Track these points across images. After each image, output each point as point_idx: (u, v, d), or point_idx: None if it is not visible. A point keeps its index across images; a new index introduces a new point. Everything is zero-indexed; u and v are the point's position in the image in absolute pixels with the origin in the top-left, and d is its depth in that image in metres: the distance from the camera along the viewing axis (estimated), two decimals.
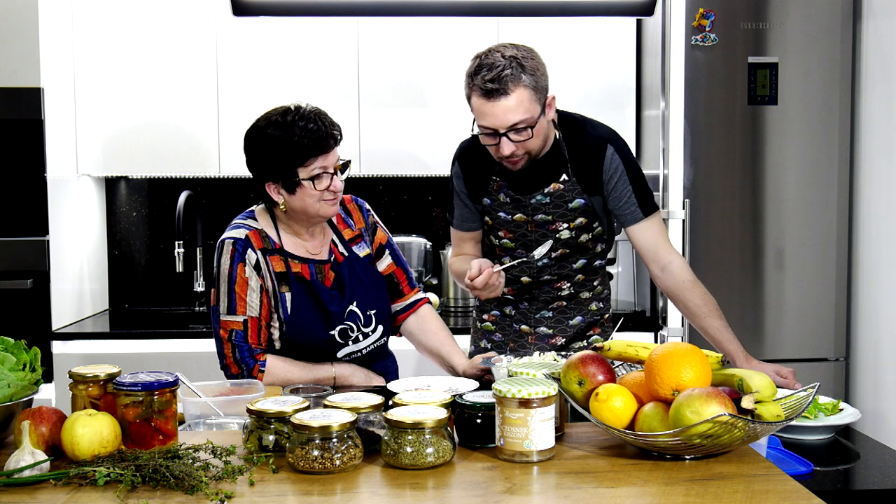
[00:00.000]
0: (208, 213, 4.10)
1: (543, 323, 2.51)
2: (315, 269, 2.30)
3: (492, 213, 2.45)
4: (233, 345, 2.23)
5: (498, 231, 2.46)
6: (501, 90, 2.17)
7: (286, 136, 2.19)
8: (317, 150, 2.19)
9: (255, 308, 2.23)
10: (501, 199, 2.41)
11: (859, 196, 3.45)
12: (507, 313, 2.55)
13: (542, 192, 2.37)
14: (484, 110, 2.21)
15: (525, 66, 2.19)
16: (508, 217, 2.42)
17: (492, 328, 2.58)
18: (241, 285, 2.23)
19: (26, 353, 1.72)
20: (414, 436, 1.51)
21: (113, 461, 1.50)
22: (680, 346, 1.61)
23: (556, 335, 2.51)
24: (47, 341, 3.43)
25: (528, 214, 2.40)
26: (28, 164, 3.42)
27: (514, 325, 2.54)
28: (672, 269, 2.36)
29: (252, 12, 3.34)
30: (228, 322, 2.23)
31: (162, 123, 3.72)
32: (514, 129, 2.21)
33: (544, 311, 2.51)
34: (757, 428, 1.52)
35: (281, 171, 2.20)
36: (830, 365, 3.46)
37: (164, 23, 3.69)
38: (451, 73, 3.77)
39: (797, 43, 3.38)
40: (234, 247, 2.24)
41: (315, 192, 2.20)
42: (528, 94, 2.19)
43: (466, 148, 2.49)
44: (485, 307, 2.60)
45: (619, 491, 1.42)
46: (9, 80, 3.38)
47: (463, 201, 2.50)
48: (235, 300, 2.22)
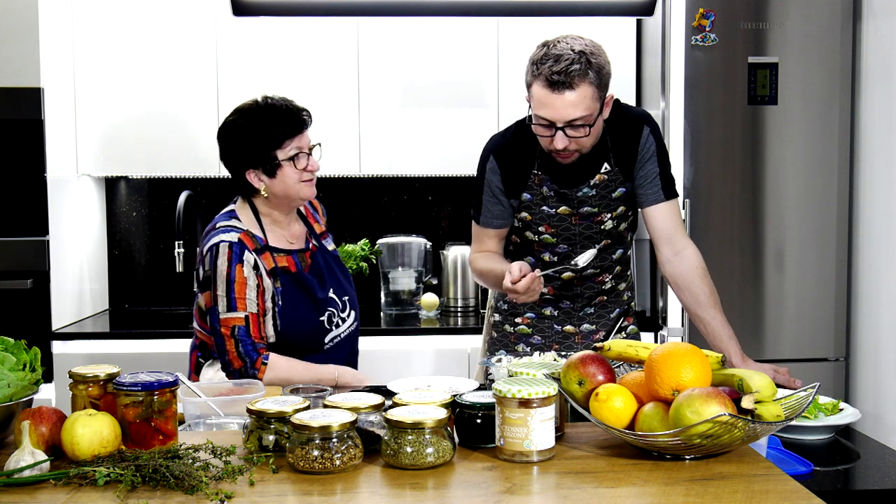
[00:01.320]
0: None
1: (587, 320, 2.48)
2: (298, 258, 2.39)
3: (532, 207, 2.38)
4: (236, 340, 2.27)
5: (538, 226, 2.39)
6: (567, 83, 2.15)
7: (262, 122, 2.31)
8: (291, 131, 2.32)
9: (254, 305, 2.28)
10: (544, 192, 2.36)
11: (859, 196, 3.45)
12: (547, 314, 2.48)
13: (588, 184, 2.35)
14: (545, 101, 2.18)
15: (592, 63, 2.17)
16: (552, 211, 2.37)
17: (528, 331, 2.50)
18: (241, 284, 2.27)
19: (26, 353, 1.72)
20: (414, 436, 1.51)
21: (113, 461, 1.50)
22: (680, 346, 1.61)
23: (599, 330, 2.49)
24: (47, 341, 3.43)
25: (573, 207, 2.36)
26: (28, 164, 3.42)
27: (557, 325, 2.48)
28: (685, 255, 2.34)
29: (252, 12, 3.34)
30: (230, 319, 2.27)
31: (162, 124, 3.72)
32: (571, 124, 2.19)
33: (587, 308, 2.47)
34: (757, 428, 1.52)
35: (260, 156, 2.30)
36: (830, 365, 3.46)
37: (164, 23, 3.69)
38: (451, 73, 3.77)
39: (797, 43, 3.38)
40: (230, 249, 2.28)
41: (294, 173, 2.33)
42: (591, 91, 2.17)
43: (502, 143, 2.42)
44: (515, 310, 2.51)
45: (619, 491, 1.42)
46: (9, 80, 3.38)
47: (496, 197, 2.41)
48: (235, 299, 2.27)
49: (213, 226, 2.37)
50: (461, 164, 3.81)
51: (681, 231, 2.38)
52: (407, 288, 3.88)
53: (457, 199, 4.20)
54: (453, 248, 3.93)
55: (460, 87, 3.78)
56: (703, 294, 2.32)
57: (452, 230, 4.20)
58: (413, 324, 3.69)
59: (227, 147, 2.36)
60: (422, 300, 3.83)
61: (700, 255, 2.36)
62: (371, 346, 3.51)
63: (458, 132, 3.79)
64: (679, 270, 2.34)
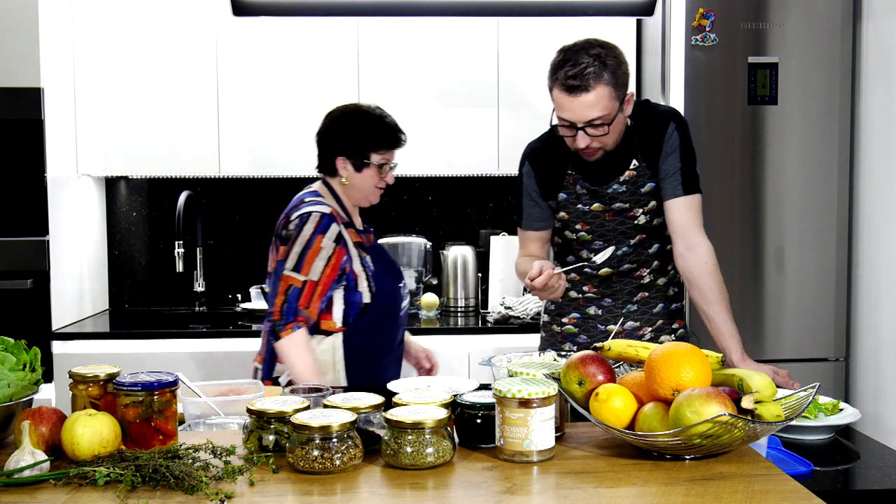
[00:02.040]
0: (208, 213, 4.10)
1: (630, 317, 2.51)
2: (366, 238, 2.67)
3: (568, 206, 2.47)
4: (286, 297, 2.48)
5: (575, 224, 2.48)
6: (582, 87, 2.25)
7: (374, 123, 2.60)
8: (390, 144, 2.63)
9: (317, 275, 2.49)
10: (578, 190, 2.45)
11: (859, 196, 3.45)
12: (592, 314, 2.53)
13: (618, 180, 2.42)
14: (564, 104, 2.29)
15: (608, 65, 2.26)
16: (586, 208, 2.45)
17: (575, 331, 2.56)
18: (314, 251, 2.49)
19: (26, 353, 1.72)
20: (414, 436, 1.51)
21: (113, 461, 1.50)
22: (680, 346, 1.61)
23: (643, 326, 2.51)
24: (47, 341, 3.44)
25: (605, 204, 2.44)
26: (28, 164, 3.42)
27: (601, 325, 2.52)
28: (698, 250, 2.38)
29: (252, 12, 3.34)
30: (290, 277, 2.48)
31: (162, 123, 3.72)
32: (591, 124, 2.28)
33: (629, 305, 2.51)
34: (757, 428, 1.52)
35: (358, 149, 2.59)
36: (830, 365, 3.46)
37: (164, 23, 3.69)
38: (451, 73, 3.77)
39: (797, 43, 3.38)
40: (320, 219, 2.51)
41: (375, 177, 2.61)
42: (607, 91, 2.27)
43: (537, 147, 2.54)
44: (562, 310, 2.58)
45: (619, 491, 1.42)
46: (9, 80, 3.38)
47: (534, 200, 2.52)
48: (304, 262, 2.48)
49: (300, 199, 2.59)
50: (461, 164, 3.81)
51: (697, 227, 2.41)
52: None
53: (457, 199, 4.20)
54: (453, 248, 3.93)
55: (460, 88, 3.78)
56: (711, 291, 2.35)
57: (452, 230, 4.20)
58: (413, 324, 3.69)
59: (335, 128, 2.61)
60: (422, 300, 3.83)
61: (713, 252, 2.39)
62: None
63: (459, 132, 3.79)
64: (690, 265, 2.38)
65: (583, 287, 2.53)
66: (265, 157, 3.76)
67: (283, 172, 3.80)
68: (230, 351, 3.49)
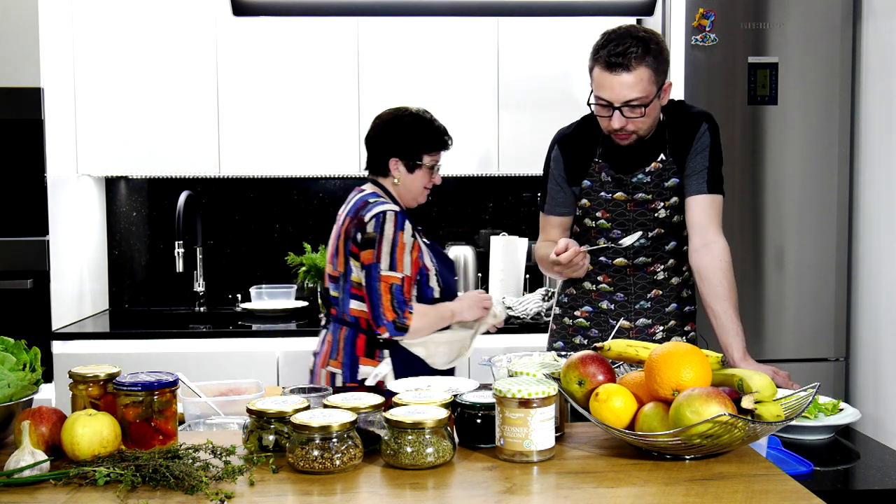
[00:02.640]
0: (208, 213, 4.10)
1: (643, 314, 2.52)
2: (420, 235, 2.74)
3: (591, 193, 2.49)
4: (392, 295, 2.58)
5: (596, 212, 2.49)
6: (624, 65, 2.27)
7: (426, 125, 2.72)
8: (440, 146, 2.73)
9: (408, 268, 2.61)
10: (603, 178, 2.47)
11: (859, 196, 3.44)
12: (604, 308, 2.55)
13: (644, 170, 2.44)
14: (604, 82, 2.31)
15: (651, 48, 2.29)
16: (609, 196, 2.47)
17: (586, 324, 2.57)
18: (401, 248, 2.60)
19: (26, 353, 1.72)
20: (414, 436, 1.51)
21: (113, 461, 1.50)
22: (680, 346, 1.61)
23: (655, 324, 2.52)
24: (47, 341, 3.44)
25: (628, 193, 2.45)
26: (28, 164, 3.42)
27: (612, 320, 2.53)
28: (714, 248, 2.41)
29: (252, 12, 3.34)
30: (389, 277, 2.59)
31: (162, 123, 3.72)
32: (628, 104, 2.30)
33: (643, 302, 2.51)
34: (757, 428, 1.52)
35: (411, 151, 2.69)
36: (830, 365, 3.46)
37: (164, 23, 3.69)
38: (451, 73, 3.77)
39: (797, 43, 3.38)
40: (396, 217, 2.59)
41: (425, 179, 2.71)
42: (647, 73, 2.29)
43: (567, 133, 2.56)
44: (575, 303, 2.59)
45: (619, 491, 1.42)
46: (9, 80, 3.38)
47: (559, 185, 2.54)
48: (396, 259, 2.59)
49: (363, 201, 2.66)
50: (461, 164, 3.81)
51: (715, 226, 2.44)
52: None
53: (457, 199, 4.20)
54: (453, 248, 3.93)
55: (460, 87, 3.78)
56: (721, 287, 2.38)
57: (452, 230, 4.20)
58: None
59: (388, 131, 2.72)
60: None
61: (728, 252, 2.42)
62: None
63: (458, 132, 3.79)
64: (704, 261, 2.41)
65: (597, 278, 2.54)
66: (265, 157, 3.76)
67: (283, 172, 3.80)
68: (230, 351, 3.49)
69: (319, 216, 4.14)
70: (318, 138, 3.76)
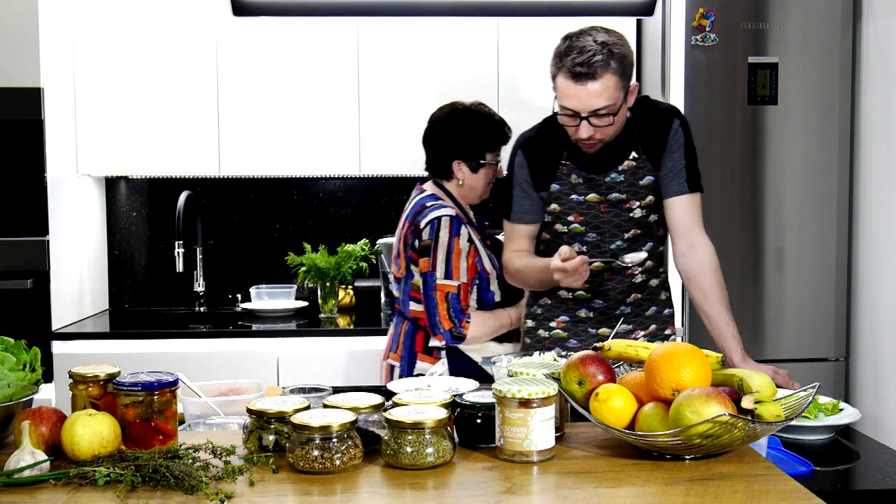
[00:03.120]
0: (208, 213, 4.10)
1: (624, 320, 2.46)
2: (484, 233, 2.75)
3: (561, 197, 2.41)
4: (448, 303, 2.59)
5: (568, 216, 2.41)
6: (590, 74, 2.20)
7: (487, 122, 2.69)
8: (501, 142, 2.69)
9: (464, 275, 2.61)
10: (573, 180, 2.40)
11: (859, 196, 3.44)
12: (582, 316, 2.47)
13: (617, 169, 2.38)
14: (569, 92, 2.24)
15: (615, 53, 2.22)
16: (581, 198, 2.39)
17: (564, 335, 2.48)
18: (457, 255, 2.59)
19: (26, 353, 1.72)
20: (414, 436, 1.51)
21: (113, 461, 1.50)
22: (680, 346, 1.61)
23: (636, 329, 2.47)
24: (47, 341, 3.43)
25: (601, 194, 2.38)
26: (28, 164, 3.42)
27: (592, 328, 2.46)
28: (700, 250, 2.36)
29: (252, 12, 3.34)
30: (444, 286, 2.59)
31: (162, 123, 3.72)
32: (595, 113, 2.24)
33: (623, 307, 2.45)
34: (757, 428, 1.52)
35: (473, 151, 2.66)
36: (830, 365, 3.46)
37: (164, 23, 3.69)
38: (451, 73, 3.77)
39: (797, 43, 3.38)
40: (451, 222, 2.59)
41: (489, 175, 2.69)
42: (614, 80, 2.22)
43: (530, 137, 2.48)
44: (550, 313, 2.51)
45: (619, 491, 1.42)
46: (9, 80, 3.37)
47: (525, 191, 2.45)
48: (451, 267, 2.59)
49: (421, 205, 2.66)
50: None
51: (699, 226, 2.40)
52: None
53: None
54: None
55: (460, 87, 3.78)
56: (712, 290, 2.33)
57: None
58: None
59: (447, 132, 2.68)
60: None
61: (714, 252, 2.38)
62: (371, 345, 3.51)
63: None
64: (691, 265, 2.37)
65: (550, 324, 2.49)
66: (265, 157, 3.75)
67: (283, 172, 3.80)
68: (230, 351, 3.49)
69: (319, 216, 4.14)
70: (318, 138, 3.76)
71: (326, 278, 3.74)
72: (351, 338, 3.53)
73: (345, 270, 3.75)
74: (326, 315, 3.77)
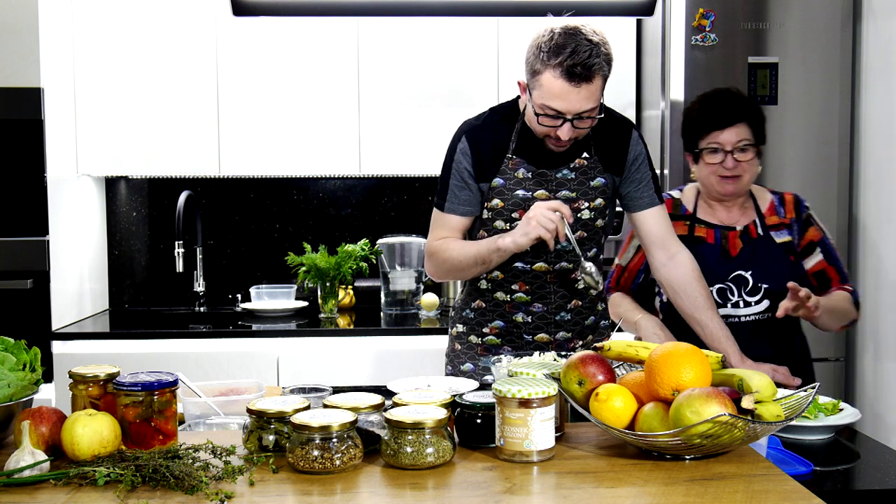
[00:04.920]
0: (208, 213, 4.10)
1: (563, 327, 2.35)
2: (720, 234, 2.52)
3: (505, 192, 2.28)
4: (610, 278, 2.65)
5: (512, 212, 2.28)
6: (586, 76, 2.10)
7: (689, 109, 2.53)
8: (710, 126, 2.43)
9: (627, 259, 2.61)
10: (520, 175, 2.28)
11: (859, 196, 3.44)
12: (519, 321, 2.34)
13: (568, 166, 2.29)
14: (560, 93, 2.11)
15: (607, 55, 2.15)
16: (528, 194, 2.27)
17: (497, 342, 2.37)
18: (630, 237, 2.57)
19: (26, 353, 1.72)
20: (414, 436, 1.51)
21: (113, 461, 1.50)
22: (680, 346, 1.61)
23: (575, 339, 2.37)
24: (47, 341, 3.43)
25: (551, 191, 2.28)
26: (28, 164, 3.42)
27: (528, 335, 2.34)
28: (681, 259, 2.34)
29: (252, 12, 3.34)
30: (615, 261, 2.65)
31: (162, 123, 3.72)
32: (580, 116, 2.15)
33: (563, 314, 2.34)
34: (757, 428, 1.52)
35: (689, 141, 2.51)
36: (830, 365, 3.46)
37: (164, 23, 3.69)
38: (451, 73, 3.77)
39: (797, 43, 3.38)
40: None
41: (706, 166, 2.46)
42: (601, 83, 2.15)
43: (476, 125, 2.34)
44: (483, 317, 2.38)
45: (619, 491, 1.42)
46: (9, 80, 3.38)
47: (464, 181, 2.30)
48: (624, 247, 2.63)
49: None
50: None
51: (673, 235, 2.38)
52: (407, 288, 3.88)
53: None
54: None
55: (460, 87, 3.78)
56: (701, 297, 2.31)
57: None
58: (413, 324, 3.69)
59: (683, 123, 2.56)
60: (422, 300, 3.83)
61: (693, 258, 2.36)
62: (371, 346, 3.51)
63: None
64: (674, 275, 2.34)
65: (512, 286, 2.33)
66: (265, 157, 3.76)
67: (283, 172, 3.80)
68: (230, 351, 3.49)
69: (319, 216, 4.14)
70: (318, 138, 3.76)
71: (326, 278, 3.74)
72: (351, 338, 3.53)
73: (345, 270, 3.75)
74: (326, 315, 3.77)
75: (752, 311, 2.47)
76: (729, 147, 2.42)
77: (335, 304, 3.78)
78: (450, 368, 2.47)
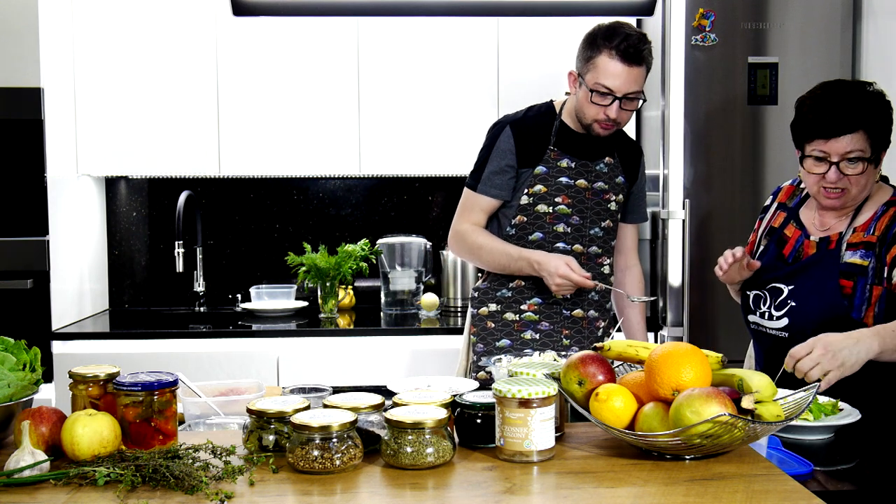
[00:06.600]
0: (208, 213, 4.10)
1: (592, 306, 2.62)
2: (799, 241, 2.27)
3: (548, 179, 2.53)
4: None
5: (555, 197, 2.53)
6: (637, 58, 2.40)
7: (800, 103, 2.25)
8: (816, 133, 2.14)
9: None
10: (563, 165, 2.54)
11: None
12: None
13: (603, 161, 2.59)
14: (614, 71, 2.40)
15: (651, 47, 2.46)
16: (570, 182, 2.54)
17: (535, 318, 2.57)
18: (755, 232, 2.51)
19: (26, 353, 1.72)
20: (414, 436, 1.51)
21: (113, 461, 1.50)
22: (680, 346, 1.61)
23: (600, 318, 2.65)
24: (47, 341, 3.43)
25: (589, 181, 2.56)
26: (28, 164, 3.42)
27: (566, 310, 2.58)
28: (634, 272, 2.76)
29: (252, 12, 3.34)
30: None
31: (162, 123, 3.72)
32: (628, 97, 2.43)
33: (592, 293, 2.61)
34: (757, 428, 1.52)
35: (796, 139, 2.26)
36: None
37: (164, 23, 3.69)
38: (450, 73, 3.77)
39: (797, 43, 3.38)
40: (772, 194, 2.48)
41: (809, 174, 2.18)
42: (645, 72, 2.46)
43: (518, 119, 2.59)
44: (520, 295, 2.58)
45: (619, 491, 1.42)
46: (9, 80, 3.38)
47: (505, 166, 2.53)
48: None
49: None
50: (461, 164, 3.80)
51: (636, 250, 2.78)
52: (407, 288, 3.88)
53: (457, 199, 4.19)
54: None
55: (460, 87, 3.78)
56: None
57: None
58: (413, 324, 3.69)
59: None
60: (422, 300, 3.83)
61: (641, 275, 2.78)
62: (371, 346, 3.51)
63: (459, 132, 3.79)
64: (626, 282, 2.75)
65: (521, 307, 2.58)
66: (265, 157, 3.76)
67: (283, 172, 3.80)
68: (230, 351, 3.49)
69: (319, 216, 4.14)
70: (318, 138, 3.76)
71: (326, 278, 3.74)
72: (351, 338, 3.53)
73: (345, 270, 3.75)
74: (326, 315, 3.77)
75: (773, 325, 2.25)
76: (836, 158, 2.12)
77: (335, 304, 3.78)
78: (481, 346, 2.59)
